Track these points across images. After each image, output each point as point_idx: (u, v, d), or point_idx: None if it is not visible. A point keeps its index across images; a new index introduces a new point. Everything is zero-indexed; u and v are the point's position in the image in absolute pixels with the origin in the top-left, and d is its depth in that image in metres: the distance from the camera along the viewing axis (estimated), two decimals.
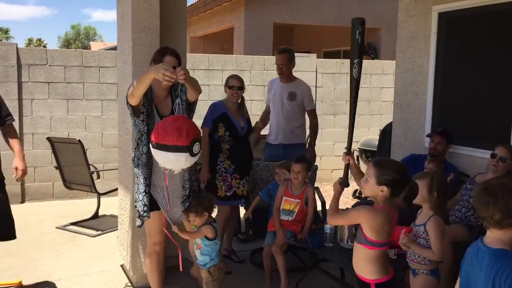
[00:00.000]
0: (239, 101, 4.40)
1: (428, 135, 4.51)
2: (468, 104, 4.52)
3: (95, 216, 5.77)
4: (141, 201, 3.26)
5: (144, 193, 3.25)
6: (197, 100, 3.37)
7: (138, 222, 3.32)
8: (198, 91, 3.26)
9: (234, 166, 4.24)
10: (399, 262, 3.26)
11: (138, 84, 3.01)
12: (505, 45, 4.15)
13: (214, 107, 4.34)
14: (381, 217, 2.42)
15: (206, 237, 3.22)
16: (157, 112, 3.29)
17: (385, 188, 2.41)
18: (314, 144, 5.06)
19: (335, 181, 2.78)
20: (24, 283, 4.00)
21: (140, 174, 3.26)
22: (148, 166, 3.23)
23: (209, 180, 4.21)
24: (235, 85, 4.30)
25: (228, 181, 4.22)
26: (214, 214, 3.47)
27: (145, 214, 3.26)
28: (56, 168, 5.80)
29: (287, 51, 4.89)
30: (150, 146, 2.94)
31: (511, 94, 4.07)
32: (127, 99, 3.19)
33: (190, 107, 3.36)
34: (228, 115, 4.28)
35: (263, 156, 5.12)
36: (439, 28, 4.69)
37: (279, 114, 4.92)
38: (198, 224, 3.23)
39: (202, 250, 3.25)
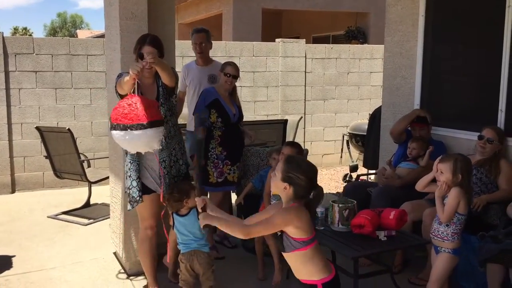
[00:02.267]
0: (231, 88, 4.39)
1: (411, 127, 4.55)
2: (456, 87, 4.57)
3: (87, 204, 5.76)
4: (135, 187, 3.33)
5: (137, 180, 3.33)
6: (175, 86, 3.42)
7: (129, 207, 3.39)
8: (170, 76, 3.28)
9: (225, 152, 4.25)
10: (388, 244, 3.32)
11: (123, 86, 3.17)
12: (492, 28, 4.18)
13: (206, 93, 4.31)
14: (300, 212, 2.28)
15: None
16: None
17: (288, 187, 2.28)
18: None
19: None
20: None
21: (133, 160, 3.32)
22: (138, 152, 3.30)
23: (202, 167, 4.22)
24: (231, 73, 4.26)
25: (219, 167, 4.24)
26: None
27: (139, 199, 3.35)
28: (46, 157, 5.78)
29: (204, 31, 4.86)
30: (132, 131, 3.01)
31: (498, 77, 4.11)
32: (116, 89, 3.24)
33: (169, 92, 3.41)
34: (220, 102, 4.26)
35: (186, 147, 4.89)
36: (427, 11, 4.70)
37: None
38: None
39: None
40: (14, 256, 4.34)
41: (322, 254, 2.37)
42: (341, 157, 8.00)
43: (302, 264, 2.32)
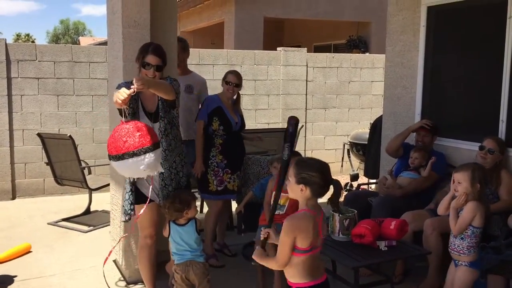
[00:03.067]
0: (234, 97, 4.40)
1: (413, 131, 4.56)
2: (457, 97, 4.57)
3: (87, 211, 5.76)
4: (127, 200, 3.34)
5: (130, 192, 3.33)
6: (175, 99, 3.35)
7: (123, 218, 3.40)
8: (167, 92, 3.19)
9: (226, 161, 4.25)
10: (389, 254, 3.31)
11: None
12: (493, 39, 4.19)
13: (209, 100, 4.33)
14: (307, 222, 2.28)
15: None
16: (143, 109, 3.33)
17: (304, 187, 2.29)
18: None
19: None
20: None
21: None
22: None
23: (202, 174, 4.22)
24: (233, 81, 4.27)
25: (219, 175, 4.23)
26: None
27: (131, 212, 3.35)
28: (47, 164, 5.78)
29: (180, 40, 4.66)
30: (111, 161, 2.92)
31: (499, 87, 4.11)
32: None
33: (169, 105, 3.36)
34: (223, 110, 4.27)
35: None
36: (428, 22, 4.72)
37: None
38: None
39: None
40: (13, 262, 4.33)
41: (318, 261, 2.37)
42: (341, 166, 7.99)
43: (288, 266, 2.33)
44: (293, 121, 2.76)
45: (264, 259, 2.43)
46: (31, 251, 4.57)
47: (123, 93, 2.89)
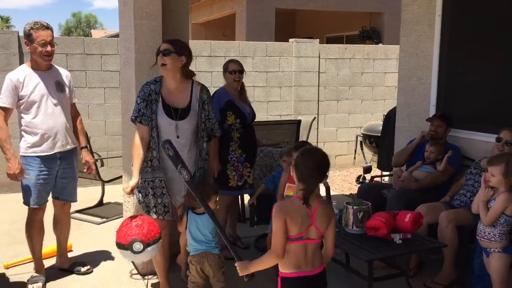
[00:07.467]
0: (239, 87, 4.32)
1: (427, 120, 4.50)
2: (473, 88, 4.50)
3: (100, 203, 5.78)
4: (160, 204, 3.36)
5: (162, 196, 3.35)
6: None
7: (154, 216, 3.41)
8: None
9: (245, 155, 4.16)
10: (403, 247, 3.28)
11: None
12: (510, 29, 4.11)
13: (218, 95, 4.15)
14: (295, 207, 2.28)
15: None
16: (164, 108, 3.25)
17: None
18: (89, 147, 3.97)
19: None
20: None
21: (155, 177, 3.31)
22: (160, 169, 3.30)
23: (219, 172, 4.14)
24: (235, 69, 4.15)
25: (239, 170, 4.15)
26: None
27: (169, 217, 3.40)
28: None
29: (51, 28, 3.66)
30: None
31: None
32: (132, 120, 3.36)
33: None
34: (234, 102, 4.16)
35: (30, 176, 3.86)
36: (443, 11, 4.64)
37: (48, 114, 3.66)
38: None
39: None
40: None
41: (311, 254, 2.30)
42: (354, 158, 7.95)
43: None
44: (167, 145, 3.08)
45: (257, 261, 2.36)
46: (71, 250, 4.51)
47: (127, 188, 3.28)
